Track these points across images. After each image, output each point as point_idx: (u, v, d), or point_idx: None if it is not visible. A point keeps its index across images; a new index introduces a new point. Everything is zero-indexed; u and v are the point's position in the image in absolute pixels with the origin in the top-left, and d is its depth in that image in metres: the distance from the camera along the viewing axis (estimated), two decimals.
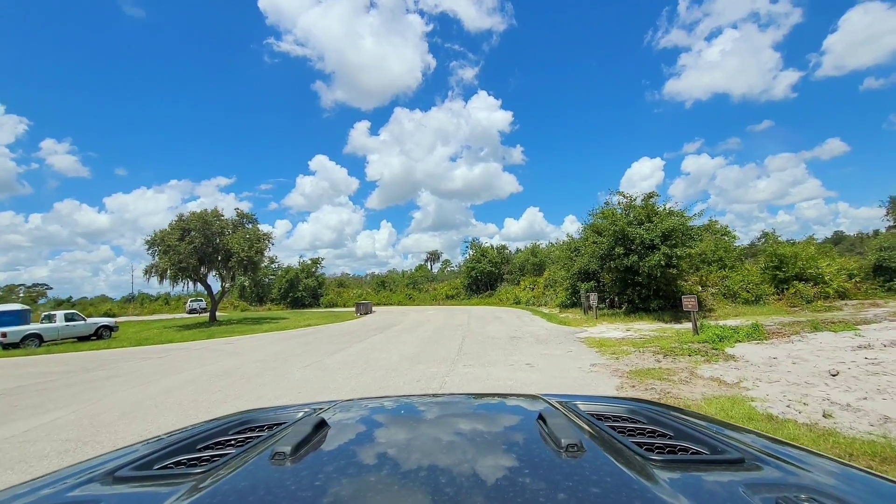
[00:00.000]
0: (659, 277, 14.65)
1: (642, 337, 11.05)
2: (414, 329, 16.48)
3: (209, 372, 8.93)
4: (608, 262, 15.90)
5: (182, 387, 7.49)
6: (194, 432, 1.08)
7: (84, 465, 0.90)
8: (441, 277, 59.69)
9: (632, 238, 15.13)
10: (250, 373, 8.60)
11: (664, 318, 14.59)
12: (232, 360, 10.43)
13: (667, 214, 15.26)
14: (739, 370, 6.86)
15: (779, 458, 0.82)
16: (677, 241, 14.50)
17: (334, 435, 0.95)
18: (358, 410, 1.21)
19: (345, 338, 14.64)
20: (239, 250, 24.65)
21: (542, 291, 30.56)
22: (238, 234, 25.76)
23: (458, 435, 0.96)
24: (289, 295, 50.23)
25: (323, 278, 53.87)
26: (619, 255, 15.16)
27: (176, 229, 25.67)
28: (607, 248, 15.65)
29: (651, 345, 9.66)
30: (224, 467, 0.79)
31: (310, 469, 0.74)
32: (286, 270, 51.88)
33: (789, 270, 17.24)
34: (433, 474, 0.70)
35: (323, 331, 18.48)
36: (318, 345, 12.98)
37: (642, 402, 1.31)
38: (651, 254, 14.66)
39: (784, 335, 9.80)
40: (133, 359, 11.72)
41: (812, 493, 0.65)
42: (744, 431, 1.05)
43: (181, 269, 24.65)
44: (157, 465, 0.86)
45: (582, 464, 0.72)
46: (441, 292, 45.22)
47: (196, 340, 16.63)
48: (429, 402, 1.32)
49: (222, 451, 0.93)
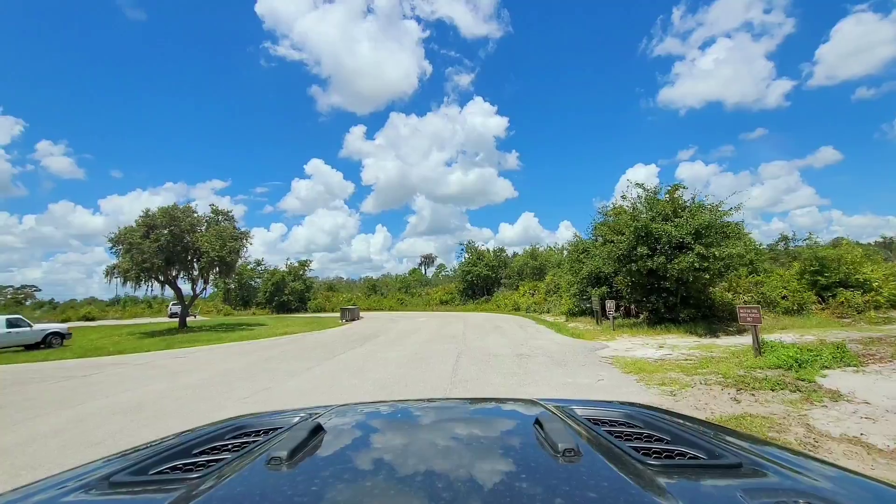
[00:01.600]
0: (691, 282, 12.40)
1: (687, 358, 8.74)
2: (400, 341, 14.06)
3: (117, 404, 6.56)
4: (627, 264, 13.63)
5: (56, 434, 5.14)
6: (190, 437, 1.08)
7: (79, 471, 0.89)
8: (436, 282, 57.25)
9: (657, 236, 12.88)
10: (167, 408, 6.20)
11: (696, 331, 12.32)
12: (162, 384, 8.00)
13: (697, 208, 13.04)
14: (875, 421, 4.57)
15: (776, 463, 0.82)
16: (712, 240, 12.28)
17: (331, 440, 0.95)
18: (355, 415, 1.21)
19: (317, 351, 12.20)
20: (209, 249, 22.11)
21: (543, 297, 28.27)
22: (210, 231, 23.23)
23: (454, 440, 0.95)
24: (274, 299, 47.53)
25: (311, 281, 51.24)
26: (642, 257, 12.90)
27: (141, 226, 23.13)
28: (627, 247, 13.39)
29: (706, 370, 7.35)
30: (220, 472, 0.77)
31: (306, 474, 0.74)
32: (272, 273, 49.23)
33: (832, 276, 15.09)
34: (430, 479, 0.70)
35: (297, 341, 16.03)
36: (281, 361, 10.54)
37: (638, 407, 1.30)
38: (681, 254, 12.42)
39: (882, 359, 7.53)
40: (53, 377, 9.41)
41: (809, 498, 0.64)
42: (741, 436, 1.05)
43: (144, 270, 22.06)
44: (152, 471, 0.85)
45: (579, 469, 0.72)
46: (435, 297, 42.78)
47: (149, 352, 14.25)
48: (426, 406, 1.31)
49: (218, 456, 0.92)
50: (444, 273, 61.83)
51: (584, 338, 12.81)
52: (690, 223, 12.43)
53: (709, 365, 7.77)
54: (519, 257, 39.78)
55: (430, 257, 78.33)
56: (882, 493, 0.72)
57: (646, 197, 14.46)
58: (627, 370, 7.74)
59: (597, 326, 15.71)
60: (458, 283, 42.77)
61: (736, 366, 7.54)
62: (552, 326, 16.43)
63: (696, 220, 12.34)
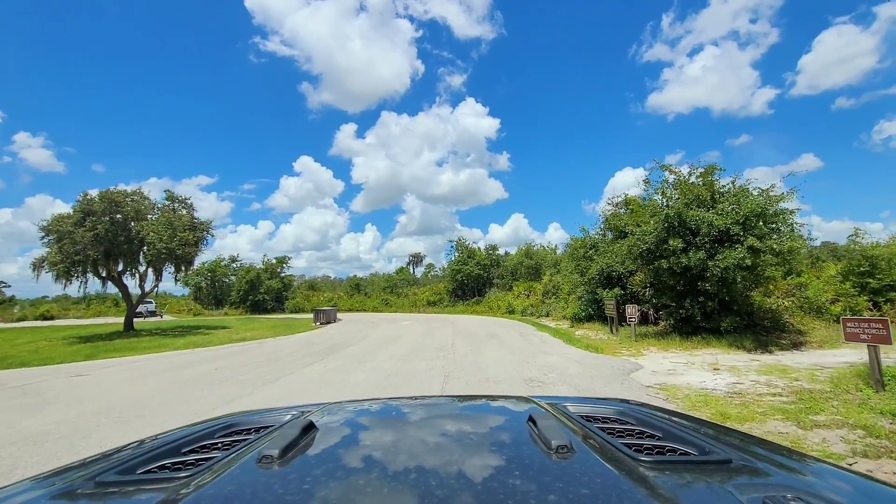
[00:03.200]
0: (736, 283, 9.94)
1: (771, 390, 6.16)
2: (373, 354, 11.28)
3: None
4: (654, 261, 11.13)
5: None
6: (179, 436, 1.06)
7: (65, 471, 0.88)
8: (424, 282, 54.36)
9: (693, 226, 10.41)
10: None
11: (743, 345, 9.87)
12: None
13: (742, 193, 10.60)
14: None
15: (766, 459, 0.82)
16: (762, 231, 9.87)
17: (323, 438, 0.93)
18: (347, 413, 1.19)
19: (263, 369, 9.34)
20: (156, 240, 18.88)
21: (540, 300, 25.77)
22: (159, 220, 19.97)
23: (448, 437, 0.95)
24: (249, 298, 44.02)
25: (290, 280, 47.84)
26: (675, 252, 10.40)
27: (77, 212, 19.78)
28: (654, 240, 10.89)
29: (824, 417, 4.80)
30: (209, 471, 0.76)
31: (298, 472, 0.73)
32: (247, 270, 45.68)
33: (884, 278, 12.88)
34: (423, 477, 0.69)
35: (249, 351, 13.11)
36: (206, 385, 7.67)
37: (631, 404, 1.31)
38: (725, 249, 9.96)
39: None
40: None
41: (799, 493, 0.64)
42: (732, 432, 1.05)
43: (76, 263, 18.73)
44: (140, 470, 0.83)
45: (572, 465, 0.72)
46: (422, 298, 39.95)
47: (61, 363, 11.47)
48: (419, 404, 1.30)
49: (208, 454, 0.90)
50: (433, 273, 58.97)
51: (603, 352, 10.24)
52: (737, 210, 9.98)
53: (816, 404, 5.23)
54: (512, 256, 37.23)
55: (418, 256, 75.46)
56: (869, 489, 0.73)
57: (678, 181, 11.96)
58: (696, 412, 5.15)
59: (612, 336, 13.18)
60: (447, 282, 40.01)
61: (860, 407, 5.02)
62: (559, 335, 13.84)
63: (746, 206, 9.89)
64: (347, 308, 43.08)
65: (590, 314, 16.62)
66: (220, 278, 49.64)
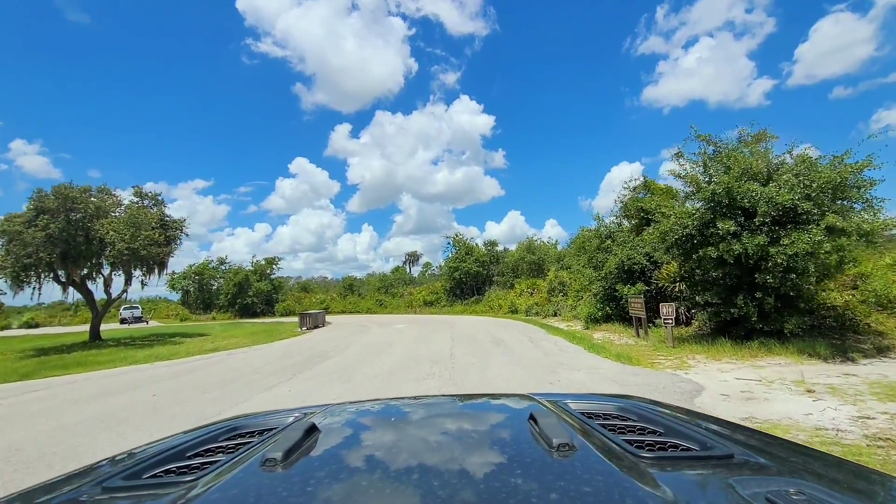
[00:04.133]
0: (807, 275, 7.92)
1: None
2: (355, 370, 9.22)
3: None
4: (697, 248, 9.11)
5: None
6: (183, 440, 1.06)
7: (72, 476, 0.88)
8: (421, 280, 52.25)
9: (747, 205, 8.40)
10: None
11: (818, 352, 7.84)
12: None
13: (806, 162, 8.56)
14: None
15: (768, 454, 0.81)
16: (842, 208, 7.87)
17: (326, 439, 0.93)
18: (349, 414, 1.19)
19: (217, 392, 7.27)
20: (115, 239, 16.73)
21: (546, 298, 23.75)
22: (121, 218, 17.81)
23: (450, 436, 0.95)
24: (237, 301, 41.85)
25: (280, 281, 45.69)
26: (723, 237, 8.39)
27: (30, 210, 17.64)
28: (697, 223, 8.87)
29: None
30: (214, 475, 0.76)
31: (301, 475, 0.73)
32: (235, 272, 43.50)
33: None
34: (426, 476, 0.70)
35: (215, 365, 11.08)
36: (120, 422, 5.59)
37: (632, 399, 1.30)
38: (790, 231, 7.94)
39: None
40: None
41: (801, 487, 0.64)
42: (733, 427, 1.05)
43: (26, 267, 16.60)
44: (146, 475, 0.83)
45: (574, 463, 0.72)
46: (418, 298, 37.88)
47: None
48: (420, 403, 1.31)
49: (212, 458, 0.90)
50: (430, 272, 56.83)
51: (639, 362, 8.21)
52: (806, 182, 7.96)
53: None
54: (513, 252, 35.09)
55: (414, 255, 73.37)
56: (872, 480, 0.73)
57: (719, 153, 9.91)
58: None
59: (640, 341, 11.16)
60: (445, 281, 37.90)
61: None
62: (576, 340, 11.79)
63: (818, 176, 7.86)
64: (340, 310, 41.00)
65: (607, 314, 14.59)
66: (208, 282, 47.47)
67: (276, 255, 45.88)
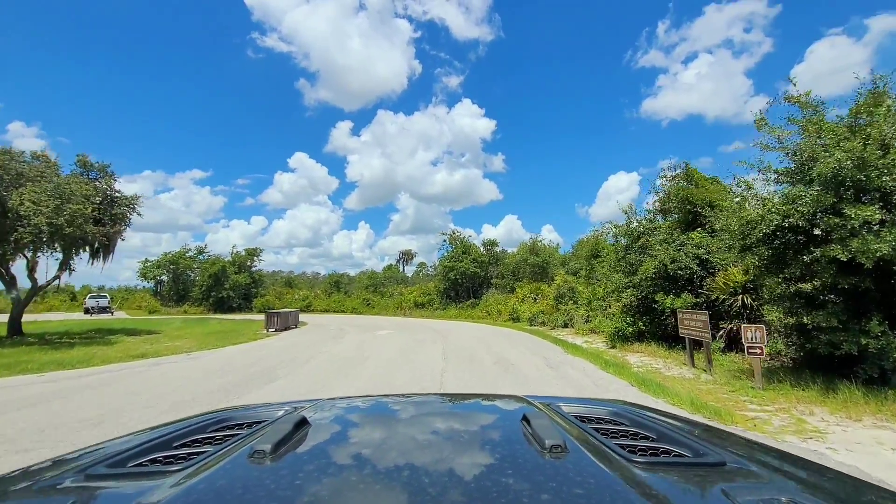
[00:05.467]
0: None
1: None
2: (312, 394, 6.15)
3: None
4: (810, 248, 6.21)
5: None
6: (171, 430, 1.03)
7: (55, 462, 0.86)
8: (415, 280, 49.12)
9: (891, 184, 5.53)
10: None
11: None
12: None
13: None
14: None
15: (760, 462, 0.81)
16: None
17: (316, 433, 0.92)
18: (340, 409, 1.17)
19: (73, 438, 4.21)
20: (31, 212, 13.49)
21: (552, 305, 20.81)
22: (44, 187, 14.52)
23: (441, 435, 0.93)
24: (211, 294, 38.49)
25: (261, 275, 42.40)
26: (854, 230, 5.52)
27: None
28: (810, 211, 5.99)
29: None
30: (201, 465, 0.75)
31: (290, 468, 0.72)
32: (211, 263, 40.13)
33: None
34: (416, 474, 0.68)
35: (127, 379, 8.04)
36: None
37: (625, 405, 1.28)
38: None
39: None
40: None
41: (792, 496, 0.64)
42: (726, 435, 1.04)
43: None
44: (131, 463, 0.81)
45: (566, 465, 0.71)
46: (409, 299, 34.79)
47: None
48: (413, 401, 1.29)
49: (200, 448, 0.88)
50: (425, 272, 53.70)
51: (731, 418, 5.28)
52: None
53: None
54: (513, 254, 32.11)
55: (409, 253, 70.30)
56: (863, 491, 0.72)
57: (814, 119, 7.04)
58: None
59: (696, 372, 8.21)
60: (439, 281, 34.84)
61: None
62: (610, 367, 8.80)
63: None
64: (324, 308, 37.81)
65: (639, 330, 11.66)
66: (185, 272, 44.03)
67: (257, 247, 42.60)
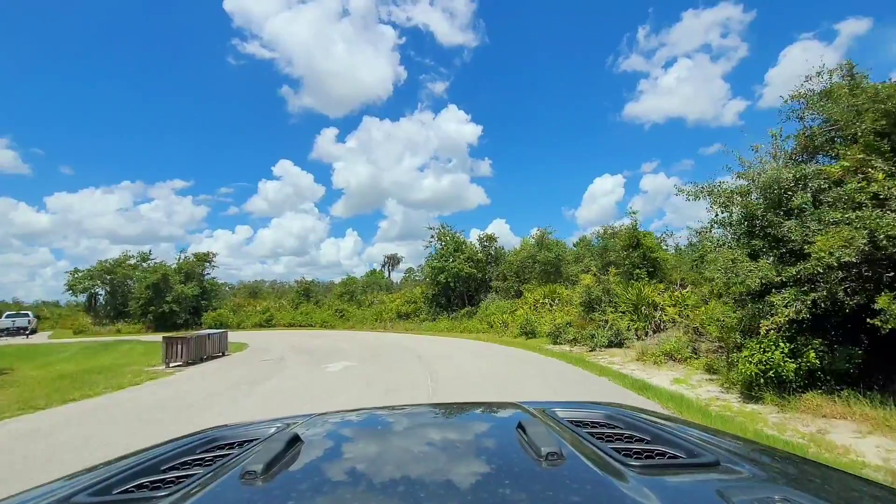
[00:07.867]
0: None
1: None
2: None
3: None
4: None
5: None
6: (158, 452, 0.98)
7: (37, 492, 0.81)
8: (403, 287, 42.97)
9: None
10: None
11: None
12: None
13: None
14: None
15: (754, 461, 0.81)
16: None
17: (309, 450, 0.89)
18: (333, 424, 1.15)
19: None
20: None
21: (582, 314, 15.16)
22: None
23: (436, 446, 0.92)
24: (149, 309, 31.72)
25: (213, 284, 35.78)
26: None
27: None
28: None
29: None
30: (190, 489, 0.71)
31: (283, 487, 0.70)
32: (153, 271, 33.37)
33: None
34: (412, 488, 0.67)
35: None
36: None
37: (619, 407, 1.29)
38: None
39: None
40: None
41: (787, 495, 0.64)
42: (720, 434, 1.04)
43: None
44: (116, 490, 0.78)
45: (562, 472, 0.71)
46: (391, 308, 28.73)
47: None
48: (407, 413, 1.28)
49: (189, 471, 0.84)
50: (414, 277, 47.51)
51: None
52: None
53: None
54: (517, 250, 26.42)
55: (394, 257, 64.15)
56: (858, 489, 0.72)
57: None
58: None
59: None
60: (426, 286, 28.93)
61: None
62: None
63: None
64: (288, 322, 31.46)
65: (810, 368, 6.02)
66: (124, 282, 37.08)
67: (210, 251, 35.99)
